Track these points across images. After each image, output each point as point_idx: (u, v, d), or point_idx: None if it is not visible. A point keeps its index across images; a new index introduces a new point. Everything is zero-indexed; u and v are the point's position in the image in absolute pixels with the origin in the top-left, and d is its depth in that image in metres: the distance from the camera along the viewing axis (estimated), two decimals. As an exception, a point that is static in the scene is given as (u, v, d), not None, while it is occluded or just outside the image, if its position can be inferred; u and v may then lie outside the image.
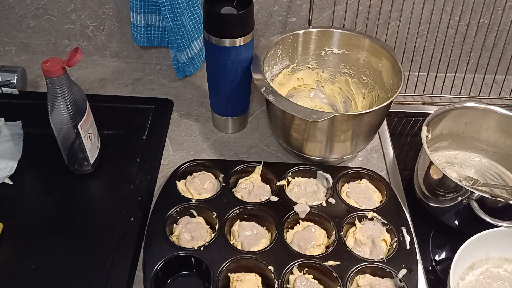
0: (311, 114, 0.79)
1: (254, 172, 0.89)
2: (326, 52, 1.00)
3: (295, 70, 1.01)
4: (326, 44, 0.99)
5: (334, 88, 1.04)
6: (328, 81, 1.04)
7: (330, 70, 1.03)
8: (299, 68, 1.02)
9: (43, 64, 0.76)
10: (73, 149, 0.85)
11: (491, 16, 1.07)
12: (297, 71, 1.02)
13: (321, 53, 1.00)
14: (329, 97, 1.05)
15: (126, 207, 0.85)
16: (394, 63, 0.91)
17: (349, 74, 1.01)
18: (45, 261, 0.77)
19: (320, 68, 1.03)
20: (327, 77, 1.04)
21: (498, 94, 1.12)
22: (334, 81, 1.04)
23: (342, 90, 1.04)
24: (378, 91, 0.97)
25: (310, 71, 1.03)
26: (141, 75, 1.15)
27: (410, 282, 0.74)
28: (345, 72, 1.02)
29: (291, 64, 1.00)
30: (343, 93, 1.04)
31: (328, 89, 1.05)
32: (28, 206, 0.86)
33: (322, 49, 1.00)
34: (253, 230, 0.80)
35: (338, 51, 1.00)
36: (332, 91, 1.05)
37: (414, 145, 1.03)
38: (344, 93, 1.04)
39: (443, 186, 0.82)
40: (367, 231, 0.81)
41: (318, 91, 1.05)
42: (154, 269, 0.73)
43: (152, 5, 1.02)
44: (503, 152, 0.95)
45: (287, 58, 0.99)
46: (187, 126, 1.03)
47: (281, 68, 0.99)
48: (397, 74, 0.90)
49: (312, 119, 0.78)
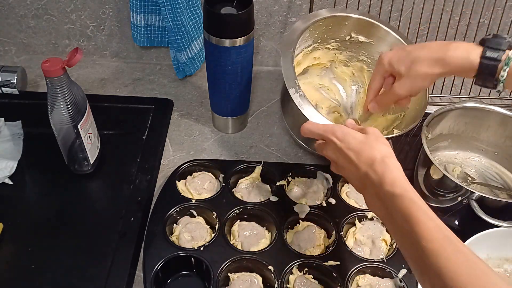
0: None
1: (254, 172, 0.89)
2: (351, 38, 0.97)
3: (314, 49, 0.98)
4: (354, 30, 0.96)
5: (347, 71, 1.02)
6: (343, 63, 1.02)
7: (348, 54, 1.00)
8: (319, 48, 0.98)
9: (43, 64, 0.76)
10: (73, 149, 0.85)
11: (491, 16, 1.07)
12: (316, 50, 0.98)
13: (346, 37, 0.97)
14: (338, 78, 1.03)
15: (126, 207, 0.85)
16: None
17: (367, 63, 0.99)
18: (45, 261, 0.77)
19: (340, 50, 1.00)
20: (342, 59, 1.01)
21: (498, 94, 1.12)
22: (349, 64, 1.01)
23: (355, 76, 1.02)
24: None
25: (328, 51, 1.00)
26: (141, 75, 1.15)
27: (410, 282, 0.74)
28: (363, 60, 0.99)
29: (313, 44, 0.97)
30: (355, 78, 1.02)
31: (340, 71, 1.02)
32: (28, 206, 0.86)
33: (349, 34, 0.97)
34: (253, 230, 0.81)
35: (364, 39, 0.97)
36: (344, 73, 1.03)
37: (414, 145, 1.03)
38: (356, 78, 1.02)
39: (443, 186, 0.82)
40: (367, 231, 0.81)
41: (330, 71, 1.03)
42: (154, 269, 0.73)
43: (152, 5, 1.02)
44: (503, 152, 0.95)
45: (311, 39, 0.95)
46: (187, 126, 1.03)
47: (303, 48, 0.96)
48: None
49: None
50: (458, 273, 0.51)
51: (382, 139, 0.65)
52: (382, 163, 0.61)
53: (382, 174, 0.60)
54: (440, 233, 0.55)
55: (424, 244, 0.54)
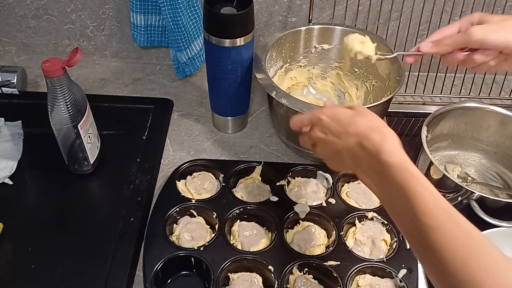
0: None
1: (254, 172, 0.89)
2: (316, 49, 1.01)
3: (287, 70, 1.02)
4: (315, 41, 1.00)
5: (325, 83, 1.05)
6: (319, 76, 1.05)
7: (320, 66, 1.04)
8: (291, 68, 1.02)
9: (43, 64, 0.76)
10: (73, 149, 0.85)
11: (491, 16, 1.06)
12: (289, 70, 1.02)
13: (312, 49, 1.01)
14: (322, 92, 1.06)
15: (126, 207, 0.85)
16: (387, 51, 0.91)
17: (341, 68, 1.02)
18: (45, 261, 0.77)
19: (311, 65, 1.03)
20: (318, 73, 1.05)
21: (498, 94, 1.12)
22: (325, 76, 1.04)
23: (334, 84, 1.05)
24: (373, 80, 0.98)
25: (301, 69, 1.03)
26: (141, 75, 1.15)
27: (410, 282, 0.74)
28: (336, 66, 1.03)
29: (284, 64, 1.00)
30: (335, 87, 1.05)
31: (320, 85, 1.06)
32: (28, 206, 0.86)
33: (312, 46, 1.01)
34: (253, 230, 0.81)
35: (328, 46, 1.00)
36: (324, 86, 1.06)
37: (414, 145, 1.03)
38: (336, 86, 1.05)
39: (443, 186, 0.82)
40: (367, 231, 0.81)
41: (311, 88, 1.06)
42: (154, 269, 0.73)
43: (152, 5, 1.02)
44: (503, 152, 0.95)
45: (280, 59, 0.99)
46: (187, 126, 1.03)
47: (276, 69, 0.99)
48: (394, 62, 0.91)
49: None
50: (457, 247, 0.49)
51: (373, 113, 0.62)
52: (379, 131, 0.58)
53: (379, 143, 0.57)
54: (438, 206, 0.52)
55: (421, 218, 0.51)
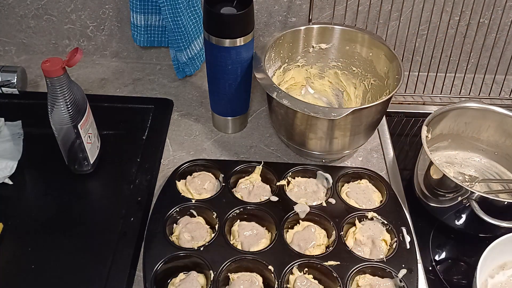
0: (331, 112, 0.79)
1: (254, 172, 0.89)
2: (314, 49, 1.01)
3: (286, 70, 1.02)
4: (313, 41, 1.00)
5: (323, 82, 1.05)
6: (317, 76, 1.05)
7: (318, 66, 1.03)
8: (289, 68, 1.02)
9: (43, 64, 0.76)
10: (73, 149, 0.85)
11: (491, 16, 1.07)
12: (288, 70, 1.02)
13: (309, 49, 1.01)
14: (320, 91, 1.06)
15: (126, 207, 0.85)
16: (386, 51, 0.92)
17: (338, 67, 1.02)
18: (45, 261, 0.77)
19: (309, 64, 1.03)
20: (316, 73, 1.04)
21: (498, 94, 1.12)
22: (323, 75, 1.04)
23: (332, 83, 1.05)
24: (371, 79, 0.98)
25: (299, 69, 1.03)
26: (141, 75, 1.15)
27: (410, 282, 0.74)
28: (334, 65, 1.02)
29: (282, 64, 1.00)
30: (333, 86, 1.05)
31: (318, 84, 1.05)
32: (28, 206, 0.86)
33: (310, 45, 1.00)
34: (253, 230, 0.81)
35: (326, 45, 1.00)
36: (322, 85, 1.05)
37: (414, 145, 1.03)
38: (334, 85, 1.05)
39: (443, 186, 0.82)
40: (367, 231, 0.81)
41: (309, 87, 1.06)
42: (154, 269, 0.73)
43: (152, 5, 1.02)
44: (503, 152, 0.95)
45: (278, 59, 0.99)
46: (187, 126, 1.03)
47: (274, 70, 0.99)
48: (393, 61, 0.91)
49: (332, 117, 0.79)
50: None
51: None
52: None
53: None
54: None
55: None
